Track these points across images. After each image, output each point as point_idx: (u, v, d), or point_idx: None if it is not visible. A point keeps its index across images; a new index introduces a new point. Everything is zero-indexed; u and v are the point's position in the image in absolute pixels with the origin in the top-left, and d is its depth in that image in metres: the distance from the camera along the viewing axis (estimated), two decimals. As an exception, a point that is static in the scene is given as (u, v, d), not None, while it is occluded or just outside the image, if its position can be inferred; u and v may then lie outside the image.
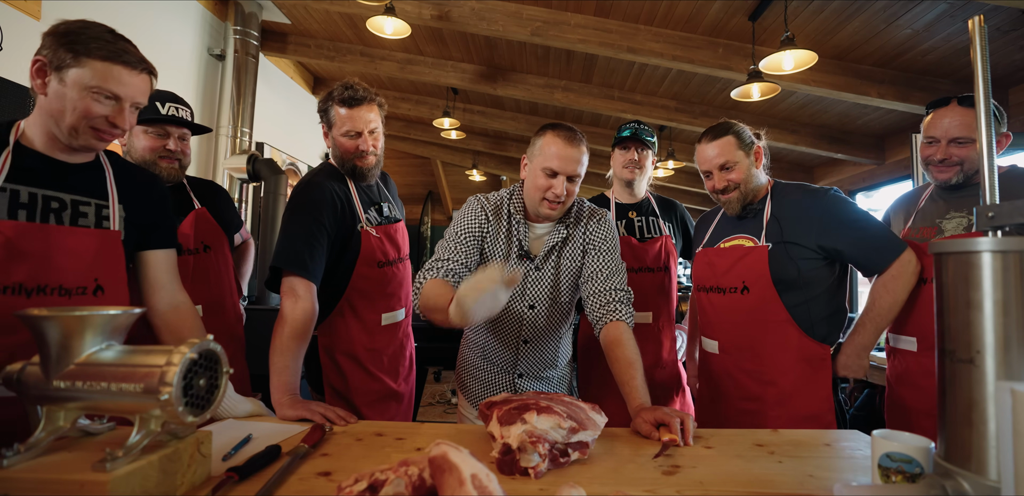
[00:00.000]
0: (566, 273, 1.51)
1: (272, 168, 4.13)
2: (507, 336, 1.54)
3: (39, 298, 1.03)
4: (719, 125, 1.59)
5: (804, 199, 1.54)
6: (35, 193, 1.06)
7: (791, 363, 1.49)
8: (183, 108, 1.70)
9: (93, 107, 1.04)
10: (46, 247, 1.04)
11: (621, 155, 2.08)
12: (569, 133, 1.39)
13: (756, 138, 1.61)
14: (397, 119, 7.68)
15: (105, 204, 1.16)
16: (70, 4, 2.88)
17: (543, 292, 1.50)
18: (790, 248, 1.49)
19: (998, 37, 3.34)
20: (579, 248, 1.51)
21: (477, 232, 1.46)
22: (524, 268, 1.49)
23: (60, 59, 1.02)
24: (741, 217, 1.63)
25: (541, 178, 1.39)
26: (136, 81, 1.08)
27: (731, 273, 1.56)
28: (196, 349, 0.77)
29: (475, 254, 1.45)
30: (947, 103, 1.53)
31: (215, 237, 1.85)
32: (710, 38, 3.93)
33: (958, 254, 0.70)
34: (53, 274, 1.05)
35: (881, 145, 5.45)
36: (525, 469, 0.90)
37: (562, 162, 1.37)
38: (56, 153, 1.10)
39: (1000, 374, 0.65)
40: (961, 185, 1.54)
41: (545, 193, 1.39)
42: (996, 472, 0.63)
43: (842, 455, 1.04)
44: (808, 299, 1.49)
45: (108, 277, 1.14)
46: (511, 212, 1.49)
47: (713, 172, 1.59)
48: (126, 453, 0.72)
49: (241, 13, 4.43)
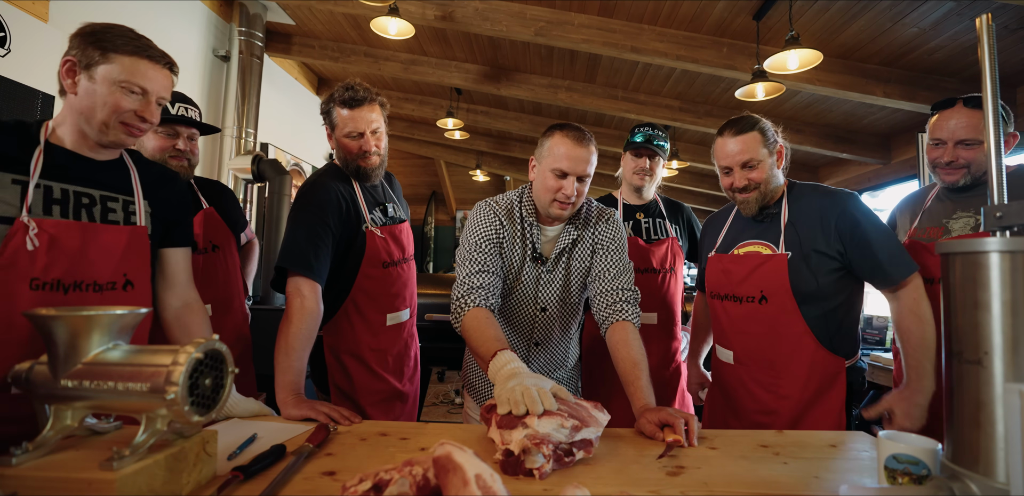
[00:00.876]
0: (576, 274, 1.50)
1: (276, 168, 4.15)
2: (519, 339, 1.54)
3: (76, 294, 1.05)
4: (744, 119, 1.50)
5: (820, 201, 1.48)
6: (67, 189, 1.09)
7: (807, 377, 1.44)
8: (192, 108, 1.72)
9: (122, 101, 1.07)
10: (82, 244, 1.07)
11: (632, 161, 2.05)
12: (578, 133, 1.38)
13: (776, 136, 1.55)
14: (401, 119, 7.69)
15: (132, 200, 1.19)
16: (77, 6, 2.90)
17: (554, 294, 1.50)
18: (809, 258, 1.44)
19: (1006, 35, 3.32)
20: (588, 249, 1.50)
21: (495, 238, 1.45)
22: (536, 271, 1.48)
23: (89, 57, 1.05)
24: (757, 220, 1.56)
25: (551, 179, 1.38)
26: (160, 76, 1.12)
27: (748, 282, 1.50)
28: (202, 349, 0.78)
29: (498, 260, 1.45)
30: (952, 104, 1.50)
31: (223, 237, 1.86)
32: (714, 38, 3.92)
33: (966, 254, 0.70)
34: (88, 270, 1.08)
35: (887, 145, 5.42)
36: (530, 470, 0.90)
37: (572, 163, 1.36)
38: (85, 151, 1.13)
39: (1008, 375, 0.64)
40: (968, 186, 1.52)
41: (556, 194, 1.39)
42: (1004, 474, 0.63)
43: (848, 456, 1.03)
44: (826, 311, 1.44)
45: (136, 272, 1.16)
46: (523, 215, 1.48)
47: (734, 169, 1.50)
48: (133, 452, 0.73)
49: (246, 14, 4.44)
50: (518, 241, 1.48)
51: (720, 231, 1.67)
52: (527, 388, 1.01)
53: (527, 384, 1.03)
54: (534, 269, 1.48)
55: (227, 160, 4.23)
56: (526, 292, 1.49)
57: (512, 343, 1.54)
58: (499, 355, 1.18)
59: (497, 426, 0.98)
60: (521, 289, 1.49)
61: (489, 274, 1.41)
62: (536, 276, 1.49)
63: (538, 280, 1.49)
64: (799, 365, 1.45)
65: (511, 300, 1.51)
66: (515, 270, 1.48)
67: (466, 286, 1.38)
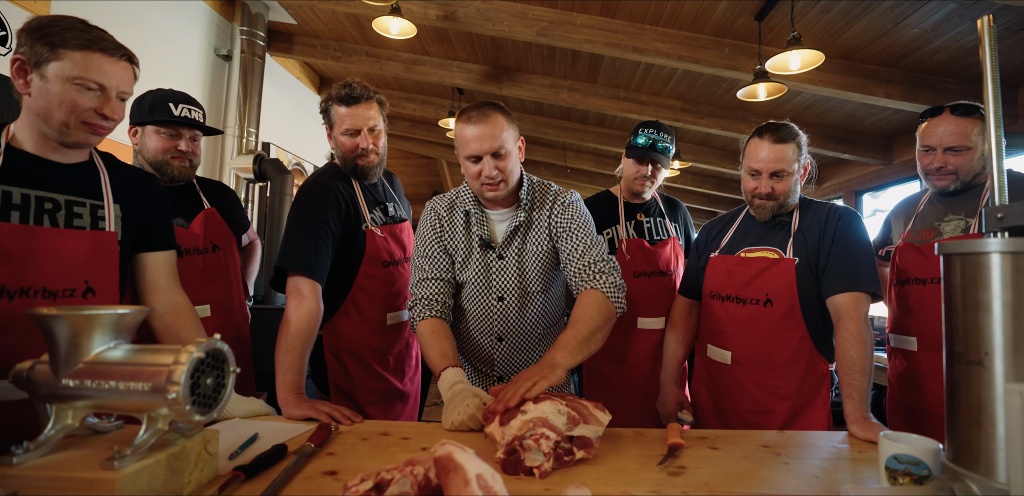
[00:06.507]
0: (532, 259, 1.45)
1: (278, 168, 4.15)
2: (480, 332, 1.50)
3: (21, 300, 1.01)
4: (786, 127, 1.49)
5: (827, 212, 1.52)
6: (28, 194, 1.04)
7: (803, 379, 1.48)
8: (195, 109, 1.71)
9: (79, 99, 1.02)
10: (28, 248, 1.02)
11: (634, 166, 1.94)
12: (473, 112, 1.34)
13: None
14: (402, 119, 7.69)
15: (100, 204, 1.14)
16: (78, 4, 2.90)
17: (510, 282, 1.45)
18: (814, 265, 1.47)
19: (1007, 37, 3.31)
20: (544, 233, 1.45)
21: (433, 236, 1.46)
22: (487, 258, 1.46)
23: (38, 54, 0.99)
24: (767, 227, 1.58)
25: (470, 166, 1.36)
26: (117, 69, 1.06)
27: (754, 284, 1.52)
28: (203, 348, 0.78)
29: (443, 259, 1.46)
30: (940, 112, 1.53)
31: (224, 237, 1.86)
32: (716, 38, 3.92)
33: (967, 255, 0.69)
34: (35, 276, 1.03)
35: (888, 145, 5.42)
36: (530, 469, 0.91)
37: (478, 143, 1.33)
38: (48, 153, 1.08)
39: (1009, 376, 0.64)
40: (959, 190, 1.55)
41: (479, 178, 1.37)
42: (1005, 475, 0.63)
43: (849, 457, 1.03)
44: (824, 316, 1.47)
45: (100, 279, 1.11)
46: (465, 204, 1.46)
47: (762, 174, 1.50)
48: (134, 451, 0.73)
49: (247, 13, 4.45)
50: (460, 230, 1.47)
51: (725, 233, 1.68)
52: (467, 408, 1.13)
53: (464, 396, 1.16)
54: (483, 256, 1.45)
55: (229, 160, 4.23)
56: (478, 280, 1.46)
57: (474, 337, 1.51)
58: (444, 374, 1.27)
59: (499, 423, 1.00)
60: (472, 278, 1.46)
61: (433, 281, 1.44)
62: (486, 263, 1.46)
63: (489, 267, 1.46)
64: (798, 366, 1.49)
65: (465, 290, 1.48)
66: (461, 259, 1.46)
67: (413, 297, 1.46)
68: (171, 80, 2.64)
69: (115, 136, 1.39)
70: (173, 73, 3.83)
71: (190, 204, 1.78)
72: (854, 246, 1.45)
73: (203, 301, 1.69)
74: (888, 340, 1.70)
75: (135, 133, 1.69)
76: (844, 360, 1.33)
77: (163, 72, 3.67)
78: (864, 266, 1.42)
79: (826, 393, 1.48)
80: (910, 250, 1.60)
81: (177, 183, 1.73)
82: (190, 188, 1.82)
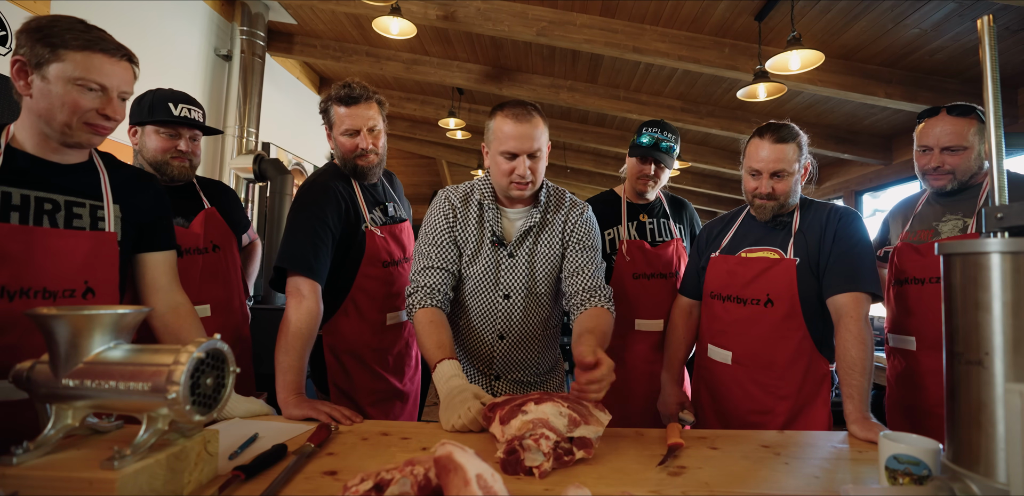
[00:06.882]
0: (542, 261, 1.46)
1: (278, 168, 4.15)
2: (482, 329, 1.49)
3: (21, 301, 1.01)
4: (786, 127, 1.49)
5: (828, 213, 1.52)
6: (27, 195, 1.04)
7: (803, 379, 1.48)
8: (195, 109, 1.71)
9: (81, 100, 1.02)
10: (28, 249, 1.02)
11: (637, 166, 1.92)
12: (517, 109, 1.34)
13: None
14: (402, 119, 7.70)
15: (100, 205, 1.14)
16: (78, 5, 2.90)
17: (518, 281, 1.45)
18: (814, 265, 1.48)
19: (1007, 37, 3.31)
20: (557, 236, 1.46)
21: (445, 226, 1.44)
22: (497, 255, 1.45)
23: (39, 56, 0.99)
24: (768, 227, 1.58)
25: (503, 162, 1.36)
26: (118, 69, 1.06)
27: (755, 284, 1.52)
28: (203, 348, 0.78)
29: (451, 249, 1.44)
30: (937, 113, 1.54)
31: (224, 237, 1.85)
32: (716, 38, 3.92)
33: (967, 255, 0.69)
34: (35, 276, 1.03)
35: (888, 145, 5.42)
36: (530, 469, 0.91)
37: (518, 142, 1.32)
38: (48, 154, 1.09)
39: (1009, 376, 0.64)
40: (956, 191, 1.56)
41: (511, 176, 1.36)
42: (1005, 475, 0.63)
43: (849, 457, 1.03)
44: (825, 316, 1.47)
45: (100, 279, 1.11)
46: (481, 198, 1.46)
47: (763, 174, 1.50)
48: (134, 451, 0.73)
49: (247, 13, 4.45)
50: (473, 224, 1.45)
51: (725, 233, 1.68)
52: (467, 412, 1.12)
53: (465, 398, 1.15)
54: (494, 253, 1.45)
55: (229, 159, 4.24)
56: (486, 276, 1.45)
57: (475, 333, 1.50)
58: (440, 366, 1.24)
59: (499, 422, 1.00)
60: (480, 273, 1.45)
61: (438, 270, 1.41)
62: (496, 260, 1.45)
63: (499, 264, 1.45)
64: (798, 366, 1.49)
65: (470, 285, 1.47)
66: (471, 253, 1.45)
67: (414, 284, 1.42)
68: (171, 80, 2.64)
69: (115, 136, 1.39)
70: (173, 73, 3.83)
71: (190, 204, 1.78)
72: (855, 246, 1.45)
73: (203, 301, 1.69)
74: (887, 340, 1.71)
75: (135, 133, 1.68)
76: (844, 360, 1.34)
77: (163, 72, 3.67)
78: (865, 266, 1.42)
79: (826, 393, 1.48)
80: (908, 250, 1.61)
81: (177, 183, 1.73)
82: (190, 188, 1.82)
